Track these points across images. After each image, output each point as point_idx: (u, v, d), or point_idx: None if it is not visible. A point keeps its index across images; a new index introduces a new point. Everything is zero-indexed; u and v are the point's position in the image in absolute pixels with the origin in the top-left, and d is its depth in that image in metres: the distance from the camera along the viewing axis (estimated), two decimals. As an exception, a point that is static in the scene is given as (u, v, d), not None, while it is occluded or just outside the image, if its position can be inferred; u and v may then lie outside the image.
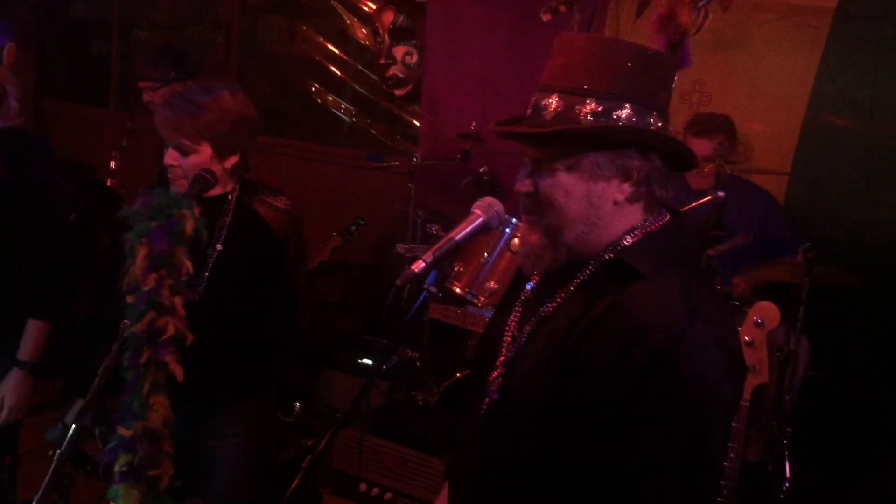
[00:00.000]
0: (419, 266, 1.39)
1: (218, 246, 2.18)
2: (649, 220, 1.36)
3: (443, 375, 3.43)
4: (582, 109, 1.28)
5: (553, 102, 1.30)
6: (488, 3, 4.37)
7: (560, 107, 1.29)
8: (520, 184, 1.36)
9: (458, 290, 3.14)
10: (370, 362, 3.84)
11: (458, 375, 3.37)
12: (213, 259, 2.17)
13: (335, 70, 5.18)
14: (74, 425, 1.86)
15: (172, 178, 2.17)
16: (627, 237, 1.34)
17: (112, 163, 4.19)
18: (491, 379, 1.43)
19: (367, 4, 4.97)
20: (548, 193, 1.33)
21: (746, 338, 2.20)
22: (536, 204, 1.35)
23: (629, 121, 1.29)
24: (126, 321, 1.94)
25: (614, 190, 1.32)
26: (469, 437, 1.50)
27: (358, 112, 5.16)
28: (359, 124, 5.17)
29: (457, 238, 1.43)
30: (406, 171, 4.05)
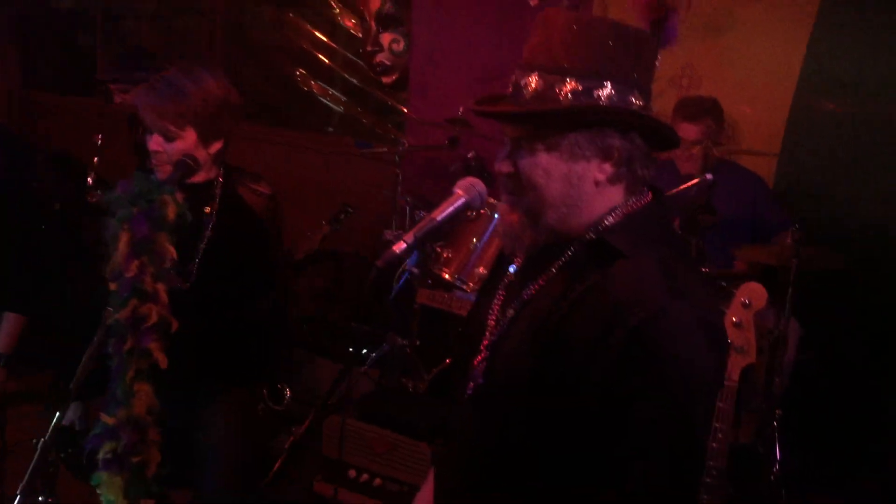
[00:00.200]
0: (400, 247, 1.38)
1: (207, 233, 2.19)
2: (631, 200, 1.35)
3: (434, 362, 3.42)
4: (562, 88, 1.26)
5: (533, 81, 1.28)
6: (475, -11, 4.36)
7: (540, 86, 1.28)
8: (499, 164, 1.35)
9: (448, 277, 3.12)
10: (363, 351, 3.83)
11: (448, 362, 3.36)
12: (204, 246, 2.17)
13: (323, 59, 5.15)
14: (58, 413, 1.85)
15: (157, 165, 2.17)
16: (609, 217, 1.33)
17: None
18: (475, 363, 1.42)
19: (354, -9, 4.95)
20: (527, 173, 1.31)
21: (734, 318, 2.16)
22: (516, 184, 1.33)
23: (610, 100, 1.27)
24: (109, 308, 1.93)
25: (595, 170, 1.31)
26: (455, 423, 1.49)
27: (347, 101, 5.13)
28: (348, 113, 5.14)
29: (438, 218, 1.42)
30: (394, 158, 4.04)
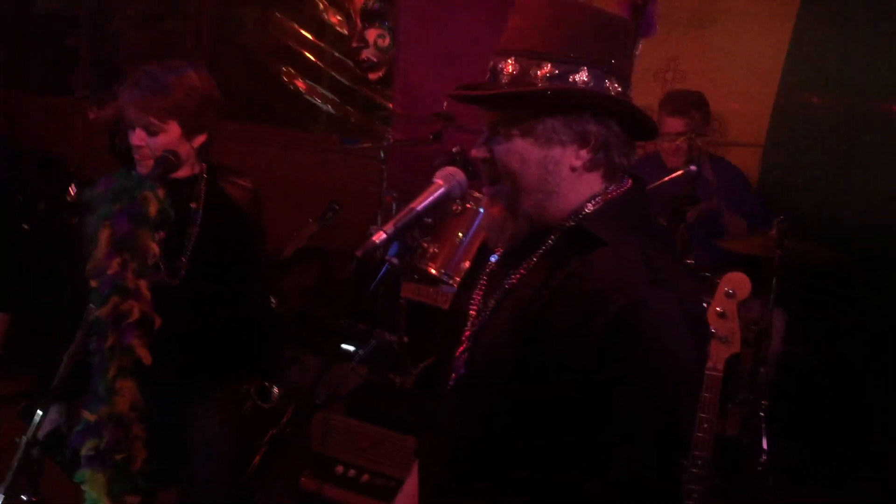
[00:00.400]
0: (380, 237, 1.37)
1: (195, 228, 2.19)
2: (611, 188, 1.34)
3: (421, 357, 3.42)
4: (537, 73, 1.25)
5: (509, 65, 1.27)
6: (460, -17, 4.36)
7: (516, 70, 1.27)
8: (476, 149, 1.34)
9: (434, 272, 3.11)
10: (351, 348, 3.83)
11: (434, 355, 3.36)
12: (192, 242, 2.18)
13: (310, 57, 5.14)
14: (40, 412, 1.84)
15: (140, 160, 2.16)
16: (589, 205, 1.32)
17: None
18: (457, 354, 1.42)
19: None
20: (503, 159, 1.31)
21: (718, 308, 2.17)
22: (494, 171, 1.33)
23: (585, 85, 1.26)
24: (91, 306, 1.92)
25: (571, 156, 1.30)
26: (438, 414, 1.48)
27: (335, 99, 5.12)
28: (336, 111, 5.13)
29: (418, 208, 1.41)
30: (379, 154, 4.03)
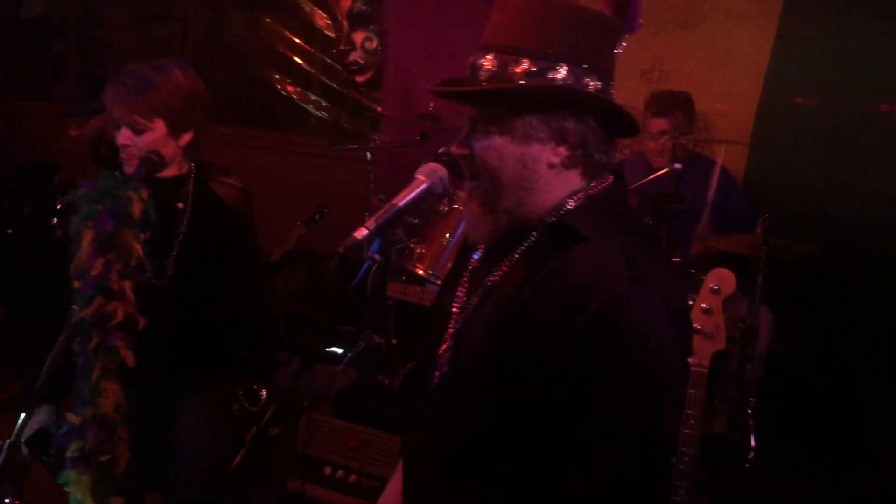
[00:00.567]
0: (362, 233, 1.37)
1: (182, 229, 2.19)
2: (592, 184, 1.33)
3: (410, 358, 3.42)
4: (516, 69, 1.25)
5: (488, 61, 1.27)
6: (447, -15, 4.37)
7: (494, 66, 1.27)
8: (455, 146, 1.33)
9: (421, 272, 3.13)
10: (339, 350, 3.83)
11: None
12: (179, 242, 2.17)
13: (298, 61, 5.14)
14: (24, 414, 1.83)
15: (126, 159, 2.17)
16: (570, 201, 1.31)
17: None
18: (440, 352, 1.41)
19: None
20: (481, 155, 1.30)
21: (703, 305, 2.20)
22: (473, 167, 1.33)
23: (564, 82, 1.25)
24: (74, 307, 1.91)
25: (549, 153, 1.29)
26: (422, 413, 1.48)
27: (323, 102, 5.12)
28: (325, 115, 5.13)
29: (400, 204, 1.40)
30: (366, 156, 4.03)
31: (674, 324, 1.25)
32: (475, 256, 1.47)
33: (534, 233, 1.33)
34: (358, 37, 4.68)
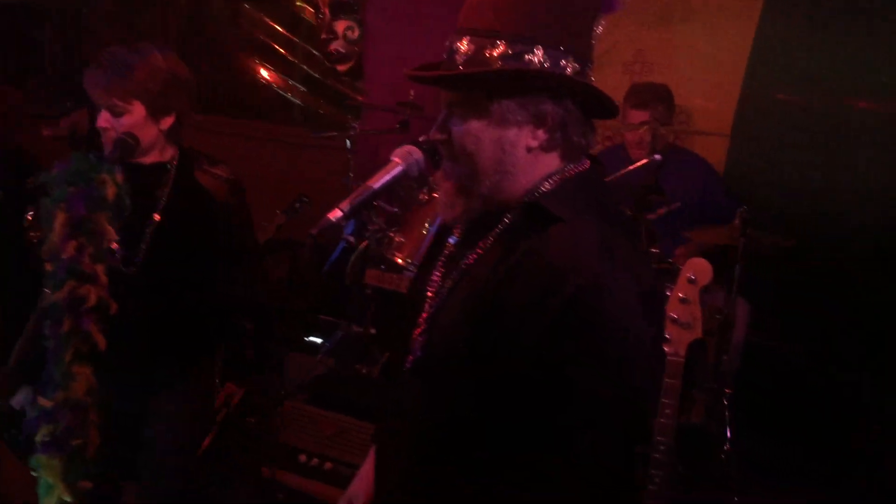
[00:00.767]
0: (336, 214, 1.35)
1: (156, 216, 2.14)
2: (569, 167, 1.32)
3: (388, 347, 3.41)
4: (492, 52, 1.23)
5: (464, 45, 1.25)
6: (428, -26, 4.35)
7: (470, 49, 1.25)
8: (433, 131, 1.32)
9: (401, 261, 3.11)
10: (319, 340, 3.82)
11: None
12: (152, 229, 2.13)
13: (280, 49, 5.11)
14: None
15: (106, 142, 2.12)
16: (546, 183, 1.30)
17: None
18: (414, 336, 1.40)
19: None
20: (459, 140, 1.29)
21: (680, 294, 2.20)
22: (451, 151, 1.31)
23: (541, 65, 1.24)
24: (46, 290, 1.88)
25: (527, 136, 1.28)
26: (395, 398, 1.47)
27: (305, 91, 5.09)
28: (306, 103, 5.10)
29: (375, 186, 1.39)
30: (346, 145, 4.01)
31: (647, 305, 1.24)
32: (451, 241, 1.46)
33: (509, 214, 1.32)
34: (340, 26, 4.66)
